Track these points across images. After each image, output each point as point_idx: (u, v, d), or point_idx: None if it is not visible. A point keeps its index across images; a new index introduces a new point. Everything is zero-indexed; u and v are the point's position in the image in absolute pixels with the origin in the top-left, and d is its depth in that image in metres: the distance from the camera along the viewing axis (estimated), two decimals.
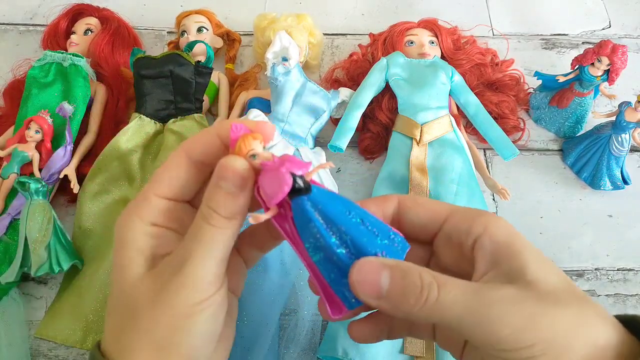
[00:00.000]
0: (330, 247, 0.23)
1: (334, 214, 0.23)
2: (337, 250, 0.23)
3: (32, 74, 0.61)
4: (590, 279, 0.58)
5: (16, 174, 0.56)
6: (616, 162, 0.61)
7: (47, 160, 0.57)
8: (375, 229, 0.24)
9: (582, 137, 0.64)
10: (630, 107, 0.58)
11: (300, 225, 0.23)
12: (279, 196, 0.22)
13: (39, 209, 0.52)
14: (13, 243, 0.53)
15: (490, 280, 0.23)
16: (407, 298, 0.22)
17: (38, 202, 0.53)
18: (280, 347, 0.51)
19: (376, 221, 0.24)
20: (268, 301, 0.51)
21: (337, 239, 0.23)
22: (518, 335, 0.21)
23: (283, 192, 0.22)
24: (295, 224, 0.23)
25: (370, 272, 0.23)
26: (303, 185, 0.22)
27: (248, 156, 0.23)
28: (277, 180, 0.22)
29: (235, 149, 0.23)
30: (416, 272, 0.23)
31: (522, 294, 0.22)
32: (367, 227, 0.24)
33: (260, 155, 0.23)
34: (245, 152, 0.23)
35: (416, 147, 0.58)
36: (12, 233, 0.54)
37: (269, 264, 0.52)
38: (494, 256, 0.24)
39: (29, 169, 0.57)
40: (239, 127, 0.23)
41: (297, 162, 0.22)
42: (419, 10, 0.79)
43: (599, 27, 0.79)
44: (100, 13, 0.70)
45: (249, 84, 0.68)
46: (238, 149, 0.23)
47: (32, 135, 0.56)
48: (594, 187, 0.63)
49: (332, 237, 0.23)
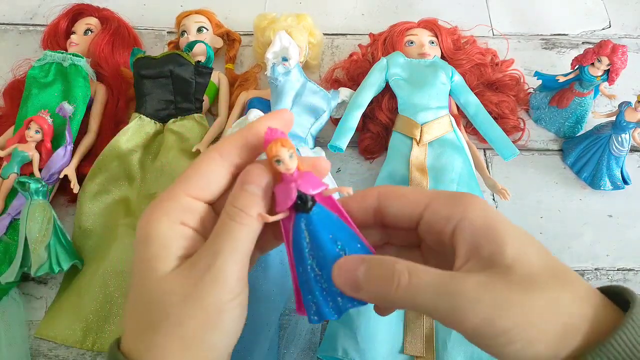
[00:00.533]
0: (305, 267, 0.26)
1: (320, 241, 0.26)
2: (309, 273, 0.26)
3: (32, 74, 0.61)
4: (590, 279, 0.58)
5: (16, 174, 0.56)
6: (616, 162, 0.61)
7: (47, 160, 0.57)
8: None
9: (582, 137, 0.64)
10: (630, 107, 0.58)
11: (294, 236, 0.26)
12: (282, 207, 0.25)
13: (39, 209, 0.52)
14: (13, 243, 0.53)
15: (469, 268, 0.24)
16: (381, 284, 0.24)
17: (38, 202, 0.53)
18: (280, 347, 0.51)
19: (361, 251, 0.27)
20: (268, 301, 0.51)
21: (315, 263, 0.26)
22: (490, 323, 0.22)
23: (287, 204, 0.25)
24: (292, 233, 0.26)
25: (349, 266, 0.25)
26: (303, 204, 0.25)
27: (274, 160, 0.25)
28: (286, 193, 0.25)
29: (266, 150, 0.25)
30: (390, 261, 0.24)
31: (494, 281, 0.22)
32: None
33: (285, 162, 0.25)
34: (272, 155, 0.25)
35: (416, 147, 0.58)
36: (12, 233, 0.54)
37: (269, 264, 0.52)
38: (474, 242, 0.24)
39: (29, 169, 0.57)
40: (274, 132, 0.25)
41: (313, 181, 0.26)
42: (419, 10, 0.79)
43: (599, 27, 0.79)
44: (100, 13, 0.70)
45: (249, 84, 0.68)
46: (268, 150, 0.25)
47: (32, 135, 0.56)
48: (594, 187, 0.63)
49: (308, 259, 0.26)
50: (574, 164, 0.64)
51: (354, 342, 0.47)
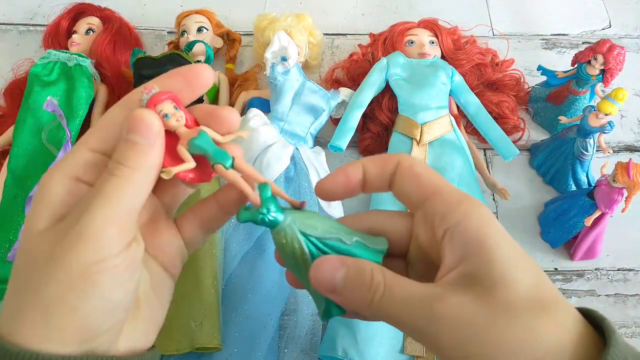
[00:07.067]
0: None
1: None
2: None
3: (34, 72, 0.61)
4: (590, 279, 0.58)
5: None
6: (581, 166, 0.60)
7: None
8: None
9: (548, 140, 0.64)
10: (593, 112, 0.56)
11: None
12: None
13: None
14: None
15: (452, 280, 0.22)
16: (356, 295, 0.23)
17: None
18: (280, 347, 0.51)
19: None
20: (268, 300, 0.51)
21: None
22: (462, 347, 0.21)
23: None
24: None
25: (328, 269, 0.23)
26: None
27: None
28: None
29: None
30: (368, 271, 0.23)
31: (474, 302, 0.21)
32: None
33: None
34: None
35: (416, 147, 0.58)
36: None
37: (268, 263, 0.52)
38: (463, 252, 0.22)
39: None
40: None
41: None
42: (419, 10, 0.79)
43: (599, 27, 0.79)
44: (102, 13, 0.70)
45: (249, 84, 0.68)
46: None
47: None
48: (559, 190, 0.62)
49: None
50: (540, 166, 0.64)
51: (354, 342, 0.47)
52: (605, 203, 0.53)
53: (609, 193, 0.52)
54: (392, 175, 0.26)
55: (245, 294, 0.51)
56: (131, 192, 0.22)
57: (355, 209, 0.59)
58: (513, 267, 0.22)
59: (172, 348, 0.47)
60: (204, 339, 0.47)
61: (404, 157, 0.26)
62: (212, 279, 0.50)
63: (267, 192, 0.24)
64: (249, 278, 0.52)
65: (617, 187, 0.52)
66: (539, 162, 0.64)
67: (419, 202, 0.25)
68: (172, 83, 0.24)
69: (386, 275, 0.23)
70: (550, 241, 0.59)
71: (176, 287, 0.27)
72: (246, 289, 0.51)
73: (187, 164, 0.23)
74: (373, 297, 0.23)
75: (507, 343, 0.20)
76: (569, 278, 0.58)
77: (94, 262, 0.21)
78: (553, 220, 0.58)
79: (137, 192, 0.22)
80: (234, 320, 0.50)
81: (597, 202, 0.54)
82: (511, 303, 0.21)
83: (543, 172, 0.64)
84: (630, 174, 0.50)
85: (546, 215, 0.60)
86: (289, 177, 0.57)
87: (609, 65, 0.59)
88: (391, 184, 0.26)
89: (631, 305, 0.57)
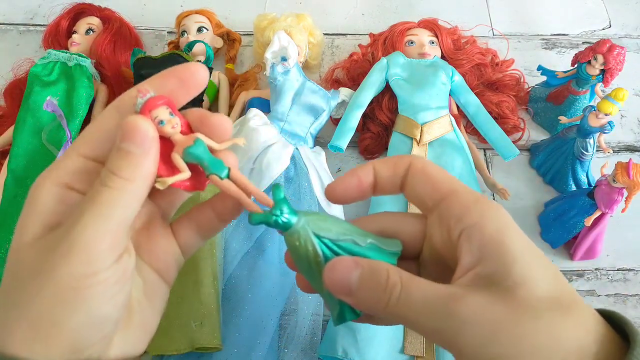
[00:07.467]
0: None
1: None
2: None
3: (34, 71, 0.61)
4: (590, 279, 0.58)
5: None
6: (581, 166, 0.60)
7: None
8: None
9: (548, 141, 0.64)
10: (593, 112, 0.56)
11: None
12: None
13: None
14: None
15: (470, 281, 0.22)
16: (372, 297, 0.22)
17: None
18: (280, 347, 0.51)
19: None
20: (268, 300, 0.51)
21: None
22: (483, 349, 0.20)
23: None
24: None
25: (342, 269, 0.23)
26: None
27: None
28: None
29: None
30: (384, 271, 0.23)
31: (494, 303, 0.21)
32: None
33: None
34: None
35: (416, 147, 0.58)
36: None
37: (268, 263, 0.52)
38: (480, 254, 0.22)
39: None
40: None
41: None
42: (419, 10, 0.79)
43: (599, 27, 0.79)
44: (102, 13, 0.70)
45: (249, 84, 0.68)
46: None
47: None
48: (559, 190, 0.62)
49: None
50: (540, 166, 0.64)
51: (354, 342, 0.47)
52: (605, 203, 0.53)
53: (609, 193, 0.52)
54: (403, 177, 0.26)
55: (245, 294, 0.51)
56: (124, 204, 0.21)
57: (355, 209, 0.59)
58: (533, 268, 0.22)
59: (172, 348, 0.47)
60: (204, 339, 0.47)
61: (416, 159, 0.26)
62: (212, 279, 0.50)
63: (280, 194, 0.24)
64: (249, 278, 0.52)
65: (617, 187, 0.52)
66: (539, 162, 0.64)
67: (434, 203, 0.25)
68: (166, 84, 0.23)
69: (402, 275, 0.23)
70: (550, 241, 0.59)
71: (176, 287, 0.27)
72: (246, 289, 0.51)
73: (182, 174, 0.23)
74: (390, 298, 0.22)
75: (530, 343, 0.20)
76: (569, 278, 0.58)
77: (84, 276, 0.20)
78: (553, 220, 0.58)
79: (130, 203, 0.22)
80: (234, 320, 0.50)
81: (597, 202, 0.54)
82: (532, 303, 0.21)
83: (543, 172, 0.64)
84: (630, 174, 0.50)
85: (546, 215, 0.60)
86: (289, 177, 0.57)
87: (609, 65, 0.59)
88: (403, 185, 0.26)
89: (631, 305, 0.57)
